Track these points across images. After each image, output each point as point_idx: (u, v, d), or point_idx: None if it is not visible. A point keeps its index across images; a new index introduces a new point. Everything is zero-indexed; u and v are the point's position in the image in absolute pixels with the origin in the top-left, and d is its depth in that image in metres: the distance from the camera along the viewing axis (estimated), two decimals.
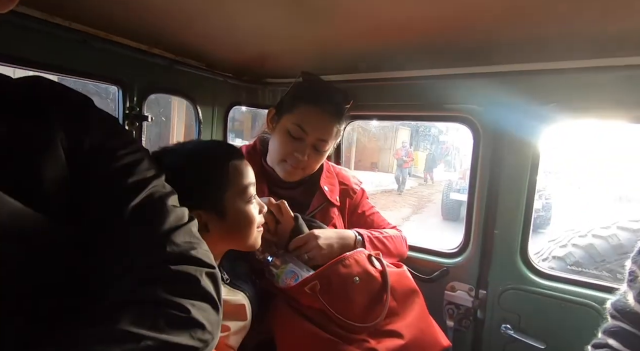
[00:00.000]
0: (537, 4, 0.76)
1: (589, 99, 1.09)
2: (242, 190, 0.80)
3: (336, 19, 0.93)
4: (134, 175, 0.50)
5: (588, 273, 1.86)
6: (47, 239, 0.43)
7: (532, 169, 1.18)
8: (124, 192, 0.48)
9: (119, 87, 1.12)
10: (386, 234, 1.17)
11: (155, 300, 0.42)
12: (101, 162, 0.49)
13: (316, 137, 1.05)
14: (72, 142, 0.47)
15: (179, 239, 0.48)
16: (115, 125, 0.54)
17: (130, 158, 0.51)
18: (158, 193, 0.51)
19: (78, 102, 0.52)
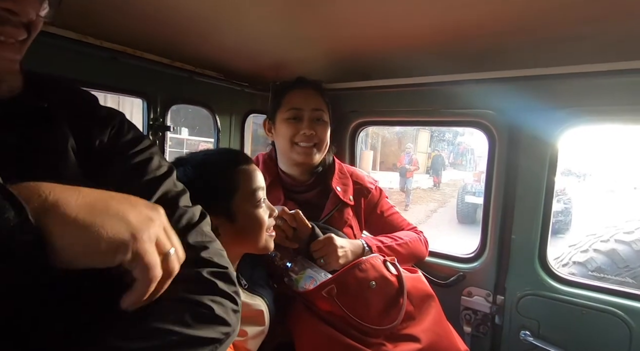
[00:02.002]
0: (550, 8, 0.76)
1: (606, 103, 1.07)
2: (250, 194, 0.83)
3: (349, 28, 0.96)
4: (147, 174, 0.50)
5: (610, 279, 1.80)
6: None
7: (550, 173, 1.17)
8: (137, 193, 0.47)
9: (143, 99, 1.18)
10: (400, 241, 1.17)
11: (178, 299, 0.44)
12: (113, 161, 0.49)
13: (311, 108, 1.15)
14: (81, 143, 0.48)
15: (192, 239, 0.49)
16: (122, 121, 0.53)
17: (142, 156, 0.51)
18: (171, 193, 0.51)
19: (85, 101, 0.52)
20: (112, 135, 0.51)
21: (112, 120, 0.52)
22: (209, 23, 0.94)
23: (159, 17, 0.88)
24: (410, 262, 1.20)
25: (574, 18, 0.80)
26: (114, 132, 0.51)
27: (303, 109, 1.14)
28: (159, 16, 0.88)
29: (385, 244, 1.13)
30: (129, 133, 0.53)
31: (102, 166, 0.49)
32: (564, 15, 0.79)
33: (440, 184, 11.16)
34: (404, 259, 1.15)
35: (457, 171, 12.55)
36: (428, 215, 8.21)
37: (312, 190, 1.20)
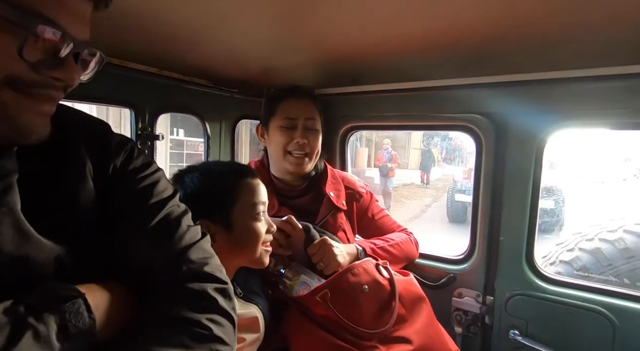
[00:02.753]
0: (535, 15, 0.78)
1: (588, 107, 1.11)
2: (250, 207, 0.86)
3: (338, 34, 0.97)
4: (153, 196, 0.54)
5: (595, 278, 1.85)
6: (79, 267, 0.47)
7: (535, 176, 1.20)
8: (144, 214, 0.53)
9: (131, 109, 1.17)
10: (392, 242, 1.20)
11: (180, 318, 0.46)
12: (123, 185, 0.53)
13: (305, 117, 1.17)
14: (97, 169, 0.51)
15: (194, 256, 0.53)
16: (132, 148, 0.57)
17: (149, 180, 0.55)
18: (175, 213, 0.55)
19: (100, 129, 0.56)
20: (123, 160, 0.55)
21: (124, 146, 0.56)
22: (197, 32, 0.94)
23: (146, 26, 0.88)
24: (403, 263, 1.22)
25: (557, 25, 0.83)
26: (125, 157, 0.55)
27: (297, 118, 1.16)
28: (146, 26, 0.88)
29: (378, 246, 1.16)
30: (139, 158, 0.57)
31: (114, 189, 0.52)
32: (547, 22, 0.81)
33: (428, 181, 10.79)
34: (396, 260, 1.18)
35: (450, 166, 12.66)
36: (416, 215, 8.09)
37: (306, 196, 1.22)
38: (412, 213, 8.10)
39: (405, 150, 13.82)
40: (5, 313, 0.37)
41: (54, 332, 0.38)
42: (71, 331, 0.40)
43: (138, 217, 0.52)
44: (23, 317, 0.37)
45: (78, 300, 0.42)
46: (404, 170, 12.34)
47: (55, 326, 0.39)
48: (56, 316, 0.39)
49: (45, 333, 0.38)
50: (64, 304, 0.40)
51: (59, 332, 0.39)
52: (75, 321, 0.40)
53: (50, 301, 0.40)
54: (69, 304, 0.41)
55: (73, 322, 0.40)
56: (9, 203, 0.42)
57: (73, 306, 0.41)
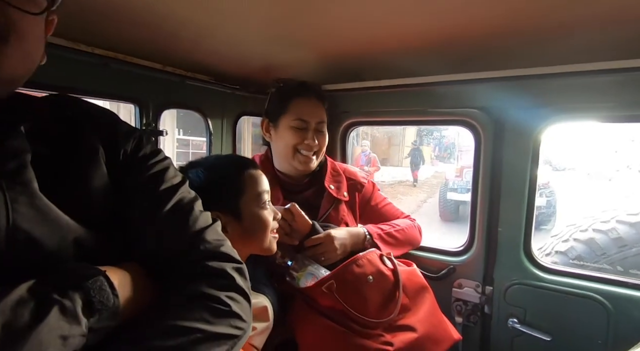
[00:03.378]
0: (533, 12, 0.81)
1: (583, 101, 1.14)
2: (256, 196, 0.89)
3: (339, 31, 0.98)
4: (164, 182, 0.55)
5: (590, 266, 1.91)
6: (97, 248, 0.48)
7: (532, 168, 1.24)
8: (157, 198, 0.54)
9: (135, 104, 1.18)
10: (397, 227, 1.25)
11: (200, 295, 0.48)
12: (134, 171, 0.54)
13: (316, 121, 1.19)
14: (109, 154, 0.52)
15: (210, 237, 0.54)
16: (141, 136, 0.58)
17: (159, 166, 0.57)
18: (187, 198, 0.56)
19: (108, 117, 0.57)
20: (133, 147, 0.55)
21: (133, 133, 0.57)
22: (200, 28, 0.95)
23: (150, 23, 0.89)
24: (408, 248, 1.26)
25: (551, 22, 0.86)
26: (134, 144, 0.56)
27: (309, 121, 1.18)
28: (150, 22, 0.89)
29: (385, 231, 1.20)
30: (148, 145, 0.58)
31: (126, 174, 0.53)
32: (541, 19, 0.84)
33: (416, 179, 10.46)
34: (402, 245, 1.22)
35: (443, 164, 12.73)
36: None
37: (309, 189, 1.24)
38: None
39: (400, 148, 13.90)
40: (30, 291, 0.38)
41: (80, 307, 0.39)
42: (97, 307, 0.41)
43: (152, 202, 0.54)
44: (48, 294, 0.38)
45: (100, 278, 0.43)
46: (399, 168, 12.42)
47: (80, 301, 0.40)
48: (80, 292, 0.40)
49: (72, 307, 0.39)
50: (87, 281, 0.41)
51: (84, 307, 0.40)
52: (99, 297, 0.41)
53: (73, 279, 0.41)
54: (92, 281, 0.42)
55: (97, 298, 0.41)
56: (23, 181, 0.42)
57: (96, 284, 0.42)
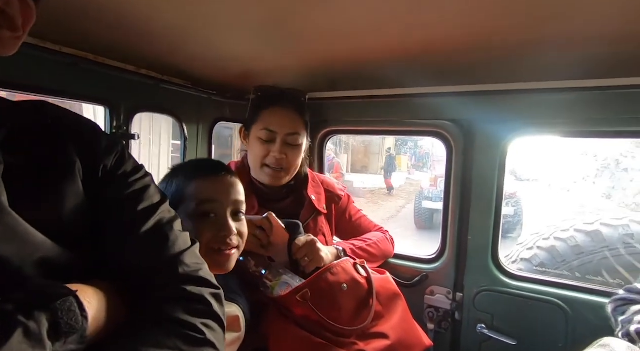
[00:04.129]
0: (502, 31, 0.86)
1: (547, 116, 1.22)
2: (194, 206, 0.82)
3: (318, 41, 1.00)
4: (144, 201, 0.54)
5: (551, 273, 2.02)
6: (65, 267, 0.46)
7: (499, 179, 1.30)
8: (136, 218, 0.52)
9: (106, 107, 1.13)
10: (369, 241, 1.25)
11: (174, 321, 0.47)
12: (113, 188, 0.52)
13: (285, 132, 1.12)
14: (87, 169, 0.50)
15: (188, 260, 0.53)
16: (123, 151, 0.56)
17: (139, 184, 0.55)
18: (166, 218, 0.55)
19: (89, 129, 0.55)
20: (114, 162, 0.53)
21: (115, 147, 0.54)
22: (178, 32, 0.94)
23: (124, 24, 0.86)
24: (381, 261, 1.28)
25: (521, 41, 0.91)
26: (116, 160, 0.54)
27: (277, 132, 1.12)
28: (124, 24, 0.86)
29: (357, 246, 1.20)
30: (129, 161, 0.56)
31: (104, 191, 0.51)
32: (510, 38, 0.90)
33: (391, 187, 10.47)
34: (374, 258, 1.23)
35: (419, 172, 13.13)
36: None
37: (287, 199, 1.23)
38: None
39: (379, 157, 14.23)
40: None
41: (45, 330, 0.37)
42: (63, 329, 0.39)
43: (130, 221, 0.52)
44: (12, 314, 0.36)
45: (69, 298, 0.40)
46: (378, 176, 12.66)
47: (46, 323, 0.37)
48: (47, 313, 0.38)
49: (37, 330, 0.36)
50: (55, 302, 0.39)
51: (50, 330, 0.38)
52: (67, 319, 0.39)
53: (40, 299, 0.39)
54: (61, 302, 0.39)
55: (65, 320, 0.39)
56: None
57: (65, 304, 0.40)
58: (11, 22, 0.43)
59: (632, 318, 0.84)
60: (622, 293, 0.92)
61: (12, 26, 0.43)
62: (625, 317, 0.86)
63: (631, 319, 0.84)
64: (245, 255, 0.98)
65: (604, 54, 0.97)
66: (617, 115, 1.13)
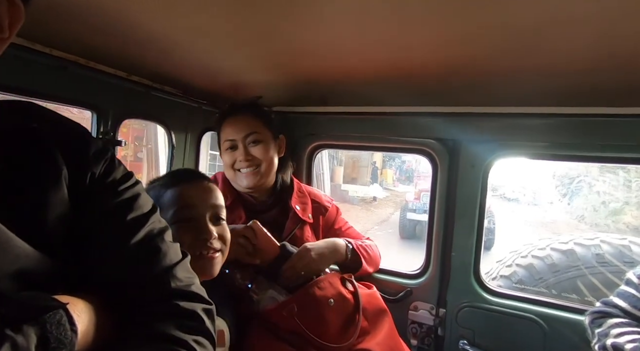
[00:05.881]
0: (484, 57, 0.91)
1: (527, 139, 1.29)
2: (172, 214, 0.82)
3: (307, 58, 1.03)
4: (134, 210, 0.52)
5: (529, 290, 2.09)
6: (47, 278, 0.44)
7: (482, 197, 1.35)
8: (125, 228, 0.50)
9: (93, 111, 1.11)
10: (366, 244, 1.29)
11: (166, 337, 0.45)
12: (101, 197, 0.50)
13: (242, 136, 1.18)
14: (73, 177, 0.48)
15: (180, 274, 0.51)
16: (113, 157, 0.54)
17: (129, 193, 0.53)
18: (157, 228, 0.53)
19: (78, 134, 0.52)
20: (103, 170, 0.51)
21: (105, 154, 0.52)
22: (170, 40, 0.94)
23: (118, 31, 0.86)
24: (373, 266, 1.30)
25: (498, 68, 0.97)
26: (105, 167, 0.51)
27: (236, 139, 1.19)
28: (118, 30, 0.85)
29: (359, 244, 1.24)
30: (119, 168, 0.54)
31: (92, 199, 0.49)
32: (491, 64, 0.96)
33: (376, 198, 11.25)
34: (372, 261, 1.27)
35: (403, 185, 13.56)
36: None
37: (273, 210, 1.23)
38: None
39: (367, 169, 14.72)
40: None
41: (34, 344, 0.35)
42: (52, 344, 0.37)
43: (120, 231, 0.50)
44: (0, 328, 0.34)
45: (59, 311, 0.39)
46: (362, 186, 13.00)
47: (35, 337, 0.36)
48: (36, 327, 0.36)
49: (25, 344, 0.35)
50: (44, 314, 0.37)
51: (38, 344, 0.36)
52: (56, 332, 0.37)
53: (29, 312, 0.37)
54: (50, 315, 0.38)
55: (54, 334, 0.37)
56: None
57: (54, 317, 0.38)
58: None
59: (608, 331, 0.87)
60: (599, 305, 0.96)
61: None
62: (601, 330, 0.90)
63: (607, 332, 0.87)
64: (231, 268, 0.96)
65: (571, 85, 1.05)
66: (588, 141, 1.21)
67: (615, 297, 0.94)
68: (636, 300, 0.89)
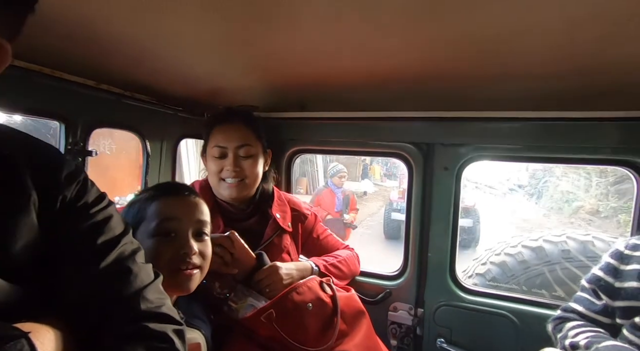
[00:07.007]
0: (459, 62, 0.94)
1: (499, 143, 1.34)
2: (152, 225, 0.81)
3: (286, 63, 1.04)
4: (104, 234, 0.52)
5: (502, 287, 2.18)
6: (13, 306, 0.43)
7: (455, 199, 1.39)
8: (95, 252, 0.50)
9: (61, 122, 1.07)
10: (340, 258, 1.28)
11: None
12: (72, 220, 0.50)
13: (234, 146, 1.15)
14: (44, 201, 0.47)
15: (151, 296, 0.51)
16: (85, 180, 0.54)
17: (100, 216, 0.53)
18: (128, 251, 0.53)
19: (49, 157, 0.52)
20: (75, 193, 0.51)
21: (77, 176, 0.52)
22: (143, 47, 0.92)
23: (83, 38, 0.84)
24: (349, 278, 1.30)
25: (469, 73, 1.01)
26: (77, 190, 0.51)
27: (227, 147, 1.16)
28: (83, 37, 0.83)
29: (329, 263, 1.23)
30: (91, 190, 0.53)
31: (62, 223, 0.49)
32: (461, 69, 0.99)
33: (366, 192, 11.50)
34: (344, 276, 1.26)
35: (390, 181, 13.84)
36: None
37: (252, 218, 1.23)
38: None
39: (356, 166, 15.08)
40: None
41: None
42: None
43: (90, 255, 0.50)
44: None
45: (21, 340, 0.38)
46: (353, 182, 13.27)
47: None
48: None
49: None
50: (5, 345, 0.37)
51: None
52: None
53: None
54: (11, 345, 0.37)
55: None
56: None
57: (15, 347, 0.37)
58: None
59: (566, 333, 0.94)
60: (558, 313, 1.03)
61: None
62: (562, 334, 0.96)
63: (566, 335, 0.93)
64: (209, 278, 0.96)
65: (538, 90, 1.11)
66: (555, 144, 1.27)
67: (573, 303, 1.01)
68: (589, 303, 0.96)
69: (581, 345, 0.86)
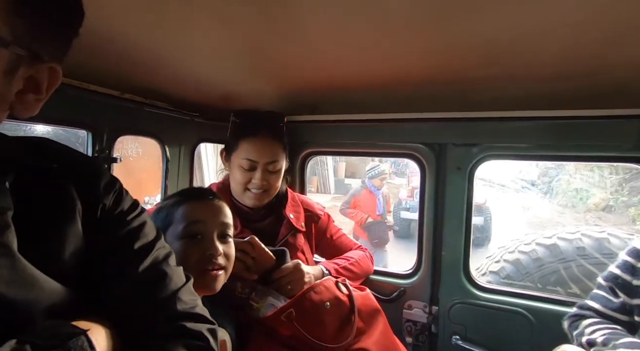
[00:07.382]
0: (467, 63, 0.97)
1: (511, 142, 1.34)
2: (180, 229, 0.86)
3: (294, 70, 1.08)
4: (140, 239, 0.55)
5: (516, 284, 2.17)
6: (69, 308, 0.47)
7: (468, 198, 1.41)
8: (133, 256, 0.54)
9: (88, 131, 1.13)
10: (352, 260, 1.31)
11: None
12: (111, 227, 0.54)
13: (265, 161, 1.19)
14: (87, 211, 0.51)
15: (185, 297, 0.55)
16: (120, 189, 0.57)
17: (136, 222, 0.56)
18: (162, 255, 0.57)
19: (90, 168, 0.55)
20: (112, 201, 0.54)
21: (114, 185, 0.56)
22: (161, 56, 0.98)
23: (109, 50, 0.89)
24: (362, 278, 1.33)
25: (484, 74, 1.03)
26: (114, 198, 0.55)
27: (258, 162, 1.18)
28: (109, 49, 0.89)
29: (341, 266, 1.25)
30: (126, 198, 0.57)
31: (102, 230, 0.52)
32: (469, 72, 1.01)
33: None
34: (357, 277, 1.28)
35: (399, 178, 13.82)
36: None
37: (267, 219, 1.27)
38: None
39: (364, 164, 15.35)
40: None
41: None
42: None
43: (127, 260, 0.53)
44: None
45: (81, 337, 0.42)
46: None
47: None
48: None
49: None
50: (68, 341, 0.41)
51: None
52: None
53: (55, 339, 0.40)
54: (73, 341, 0.41)
55: None
56: (5, 243, 0.41)
57: (77, 343, 0.41)
58: (37, 87, 0.46)
59: (583, 331, 0.94)
60: (574, 310, 1.03)
61: (37, 90, 0.46)
62: (578, 331, 0.97)
63: (582, 332, 0.94)
64: (231, 278, 1.00)
65: (547, 89, 1.12)
66: (567, 142, 1.27)
67: (589, 300, 1.01)
68: (606, 300, 0.97)
69: (598, 341, 0.87)
